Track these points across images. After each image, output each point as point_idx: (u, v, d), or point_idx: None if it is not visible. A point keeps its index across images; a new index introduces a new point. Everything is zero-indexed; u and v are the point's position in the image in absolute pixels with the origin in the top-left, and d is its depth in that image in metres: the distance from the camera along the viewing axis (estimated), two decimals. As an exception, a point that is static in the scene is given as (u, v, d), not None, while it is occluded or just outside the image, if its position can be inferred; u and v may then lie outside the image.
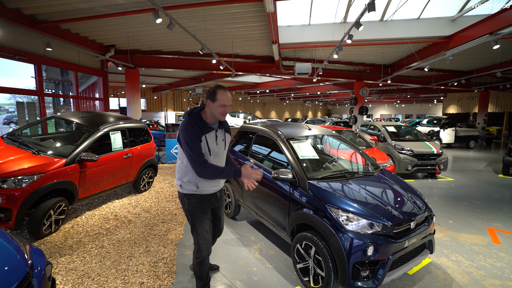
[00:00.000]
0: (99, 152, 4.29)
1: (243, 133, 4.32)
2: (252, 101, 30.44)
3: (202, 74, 14.56)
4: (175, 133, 8.92)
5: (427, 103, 32.43)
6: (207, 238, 2.13)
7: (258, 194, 3.37)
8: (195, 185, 2.06)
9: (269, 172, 3.20)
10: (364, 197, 2.52)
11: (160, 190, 5.64)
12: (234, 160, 2.41)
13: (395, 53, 10.26)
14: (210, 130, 2.03)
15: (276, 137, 3.30)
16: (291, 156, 2.94)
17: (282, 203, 2.89)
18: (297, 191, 2.71)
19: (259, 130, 3.75)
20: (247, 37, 7.67)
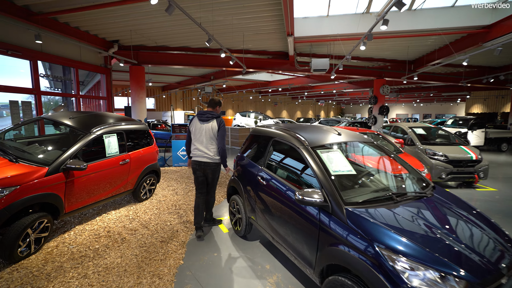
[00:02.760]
0: (91, 158, 3.75)
1: (256, 138, 3.67)
2: (263, 100, 29.76)
3: (211, 72, 14.01)
4: (183, 134, 8.38)
5: (448, 102, 30.76)
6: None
7: (275, 214, 2.70)
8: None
9: (289, 189, 2.53)
10: (426, 232, 1.81)
11: (163, 199, 5.08)
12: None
13: (421, 47, 9.34)
14: None
15: (298, 145, 2.63)
16: (320, 171, 2.26)
17: (308, 232, 2.22)
18: (330, 219, 2.03)
19: (276, 135, 3.08)
20: (259, 29, 7.00)
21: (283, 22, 6.46)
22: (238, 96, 27.42)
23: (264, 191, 2.93)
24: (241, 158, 3.73)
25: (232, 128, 13.40)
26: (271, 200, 2.79)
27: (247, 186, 3.38)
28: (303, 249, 2.29)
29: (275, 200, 2.70)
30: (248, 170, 3.41)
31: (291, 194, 2.47)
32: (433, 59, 9.80)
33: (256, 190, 3.12)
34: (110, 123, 4.11)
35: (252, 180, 3.24)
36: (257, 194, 3.09)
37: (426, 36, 7.60)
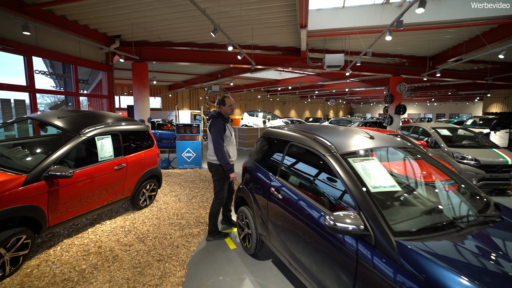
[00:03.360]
0: (82, 164, 3.31)
1: (268, 141, 3.16)
2: (272, 100, 29.22)
3: (218, 70, 13.57)
4: (188, 134, 7.94)
5: (464, 102, 29.54)
6: (224, 192, 3.47)
7: (293, 235, 2.20)
8: (227, 156, 3.35)
9: (312, 207, 2.02)
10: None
11: (164, 207, 4.62)
12: None
13: (444, 41, 8.63)
14: (228, 122, 3.36)
15: (323, 151, 2.11)
16: (356, 186, 1.74)
17: (340, 266, 1.70)
18: (374, 253, 1.51)
19: (294, 139, 2.57)
20: (269, 22, 6.48)
21: (295, 13, 5.93)
22: (246, 95, 26.95)
23: (279, 205, 2.43)
24: (250, 164, 3.24)
25: (239, 128, 12.93)
26: (288, 217, 2.28)
27: (257, 197, 2.88)
28: (332, 286, 1.77)
29: (293, 218, 2.19)
30: (258, 179, 2.92)
31: (315, 214, 1.96)
32: (454, 55, 9.09)
33: (268, 203, 2.62)
34: (104, 123, 3.67)
35: (264, 191, 2.74)
36: (270, 208, 2.59)
37: (452, 28, 6.93)
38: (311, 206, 2.04)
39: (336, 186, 2.01)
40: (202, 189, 5.69)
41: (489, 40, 7.28)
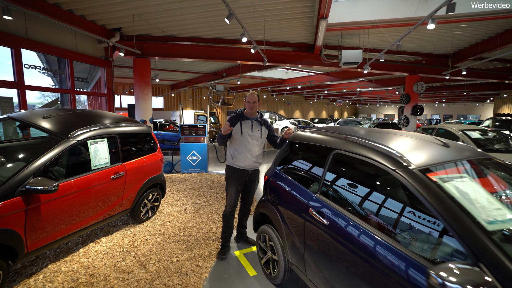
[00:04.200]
0: (71, 173, 2.75)
1: (300, 148, 2.58)
2: (277, 100, 28.66)
3: (224, 68, 13.02)
4: (193, 136, 7.38)
5: (474, 103, 28.82)
6: (231, 200, 2.97)
7: (350, 276, 1.61)
8: (232, 156, 2.97)
9: (384, 246, 1.44)
10: None
11: (169, 219, 4.05)
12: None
13: (468, 37, 8.02)
14: (246, 119, 2.94)
15: (391, 164, 1.54)
16: (463, 224, 1.16)
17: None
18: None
19: (341, 146, 1.99)
20: (284, 14, 5.91)
21: (313, 2, 5.35)
22: (249, 96, 26.36)
23: (324, 232, 1.85)
24: (277, 175, 2.65)
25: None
26: (339, 250, 1.70)
27: (287, 216, 2.31)
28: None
29: (352, 254, 1.61)
30: (289, 194, 2.34)
31: (393, 259, 1.37)
32: (475, 52, 8.48)
33: (305, 227, 2.05)
34: (99, 124, 3.11)
35: (298, 210, 2.16)
36: (308, 234, 2.02)
37: (483, 21, 6.32)
38: (380, 243, 1.46)
39: (417, 216, 1.43)
40: (211, 198, 5.11)
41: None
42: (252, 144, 2.90)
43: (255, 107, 2.91)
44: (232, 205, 2.97)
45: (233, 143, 2.96)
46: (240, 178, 2.96)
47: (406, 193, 1.51)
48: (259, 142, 2.94)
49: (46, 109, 3.23)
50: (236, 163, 2.93)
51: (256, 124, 2.95)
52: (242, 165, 2.92)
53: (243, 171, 2.95)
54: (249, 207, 3.25)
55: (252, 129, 2.90)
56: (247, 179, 3.02)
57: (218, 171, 7.51)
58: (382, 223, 1.57)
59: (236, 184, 2.95)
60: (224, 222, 3.04)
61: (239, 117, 2.92)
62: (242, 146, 2.88)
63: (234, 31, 7.15)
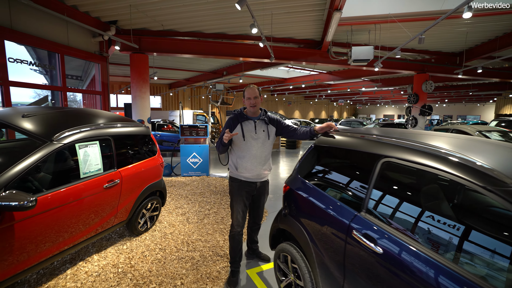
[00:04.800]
0: (56, 183, 2.31)
1: (332, 153, 2.18)
2: (277, 99, 28.30)
3: (224, 66, 12.59)
4: (193, 137, 6.95)
5: (475, 103, 28.68)
6: (238, 218, 2.49)
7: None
8: (235, 167, 2.45)
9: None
10: None
11: (170, 231, 3.63)
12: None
13: (479, 34, 7.67)
14: (247, 120, 2.42)
15: (482, 182, 1.13)
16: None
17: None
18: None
19: (396, 153, 1.58)
20: (292, 5, 5.51)
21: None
22: (249, 95, 25.97)
23: (376, 261, 1.44)
24: (300, 185, 2.24)
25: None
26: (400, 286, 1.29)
27: (320, 237, 1.90)
28: None
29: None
30: (321, 211, 1.93)
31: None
32: (487, 51, 8.15)
33: (345, 252, 1.64)
34: (90, 124, 2.67)
35: (336, 232, 1.75)
36: (350, 260, 1.61)
37: (503, 15, 5.97)
38: (462, 283, 1.05)
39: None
40: (215, 205, 4.69)
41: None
42: (259, 148, 2.40)
43: (257, 103, 2.38)
44: (240, 224, 2.51)
45: (235, 150, 2.46)
46: (247, 193, 2.48)
47: (499, 217, 1.11)
48: (266, 145, 2.44)
49: (28, 107, 2.80)
50: (241, 174, 2.44)
51: (260, 123, 2.44)
52: (249, 176, 2.44)
53: (251, 184, 2.47)
54: (259, 221, 2.81)
55: (256, 130, 2.40)
56: (255, 193, 2.54)
57: (220, 174, 7.10)
58: (463, 256, 1.16)
59: (243, 199, 2.49)
60: (232, 244, 2.58)
61: (239, 118, 2.42)
62: (247, 152, 2.39)
63: (237, 26, 6.73)
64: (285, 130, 2.55)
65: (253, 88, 2.40)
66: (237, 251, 2.58)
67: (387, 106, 36.92)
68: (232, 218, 2.54)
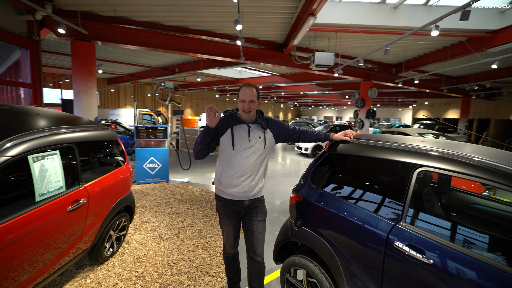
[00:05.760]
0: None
1: (350, 161, 2.10)
2: (228, 100, 27.96)
3: (177, 62, 11.74)
4: (151, 139, 6.22)
5: (397, 108, 33.52)
6: (229, 240, 2.11)
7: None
8: (219, 180, 2.02)
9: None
10: None
11: (143, 252, 3.08)
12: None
13: (415, 50, 8.92)
14: (239, 123, 1.98)
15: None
16: None
17: None
18: None
19: (434, 162, 1.58)
20: (264, 5, 5.38)
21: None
22: (200, 94, 24.99)
23: (427, 272, 1.41)
24: (319, 196, 2.11)
25: (193, 130, 11.38)
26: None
27: (350, 251, 1.79)
28: None
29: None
30: (348, 222, 1.83)
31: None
32: (416, 65, 9.56)
33: (385, 265, 1.58)
34: (44, 129, 2.04)
35: (371, 244, 1.68)
36: (392, 275, 1.55)
37: (440, 37, 6.99)
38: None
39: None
40: (187, 216, 4.24)
41: (454, 53, 7.70)
42: (251, 160, 1.95)
43: (252, 108, 1.93)
44: (232, 245, 2.14)
45: (222, 159, 2.01)
46: (233, 213, 2.05)
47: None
48: (262, 156, 2.00)
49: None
50: (224, 189, 1.99)
51: (256, 128, 2.00)
52: (233, 193, 1.97)
53: (236, 203, 2.02)
54: (259, 259, 2.07)
55: (250, 137, 1.97)
56: (244, 213, 2.08)
57: (181, 180, 6.54)
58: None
59: (232, 221, 2.08)
60: (227, 265, 2.25)
61: (229, 121, 1.98)
62: (235, 164, 1.94)
63: (203, 21, 6.28)
64: (289, 134, 2.15)
65: (250, 88, 1.94)
66: (234, 271, 2.27)
67: (327, 109, 40.31)
68: (223, 238, 2.18)
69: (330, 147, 2.23)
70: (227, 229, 2.10)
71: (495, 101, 18.14)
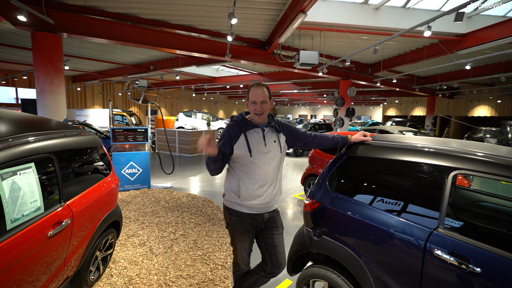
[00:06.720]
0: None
1: (367, 164, 1.98)
2: (204, 99, 27.27)
3: (152, 60, 11.07)
4: (130, 143, 5.72)
5: (369, 106, 35.08)
6: (245, 257, 1.94)
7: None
8: (236, 194, 1.82)
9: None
10: None
11: (135, 272, 2.73)
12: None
13: (390, 50, 9.27)
14: (252, 128, 1.83)
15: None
16: None
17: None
18: None
19: (472, 165, 1.50)
20: (252, 0, 5.15)
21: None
22: (175, 93, 24.02)
23: (473, 281, 1.33)
24: (341, 202, 1.96)
25: (182, 132, 10.90)
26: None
27: (380, 260, 1.67)
28: None
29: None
30: (378, 230, 1.70)
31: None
32: (393, 65, 9.97)
33: (423, 275, 1.49)
34: (9, 137, 1.65)
35: (407, 252, 1.56)
36: (436, 284, 1.45)
37: (415, 38, 7.30)
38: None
39: None
40: (178, 225, 3.90)
41: (428, 54, 8.12)
42: (270, 166, 1.82)
43: (264, 109, 1.78)
44: (247, 262, 1.98)
45: (237, 169, 1.83)
46: (251, 228, 1.89)
47: None
48: (279, 161, 1.88)
49: None
50: (245, 203, 1.81)
51: (270, 132, 1.87)
52: (256, 205, 1.81)
53: (256, 217, 1.86)
54: (278, 270, 1.94)
55: (265, 141, 1.82)
56: (263, 227, 1.92)
57: (164, 185, 6.11)
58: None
59: (249, 236, 1.91)
60: (238, 283, 2.06)
61: (241, 126, 1.81)
62: (255, 173, 1.78)
63: (183, 14, 5.88)
64: (301, 138, 2.00)
65: (262, 88, 1.78)
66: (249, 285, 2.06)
67: (302, 107, 41.07)
68: (235, 255, 1.97)
69: (348, 150, 2.09)
70: (243, 246, 1.91)
71: (455, 100, 19.72)
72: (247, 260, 1.97)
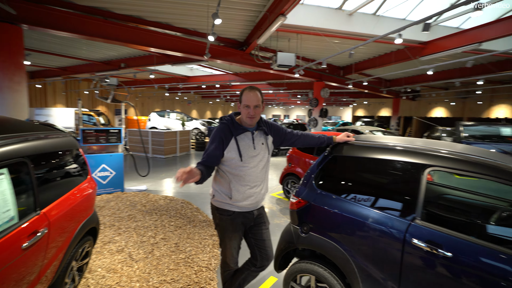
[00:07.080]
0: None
1: (357, 163, 2.10)
2: (178, 98, 26.48)
3: (123, 57, 10.53)
4: (102, 144, 5.41)
5: (339, 106, 36.58)
6: (234, 255, 1.97)
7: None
8: (227, 195, 1.87)
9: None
10: None
11: (114, 280, 2.61)
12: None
13: (361, 54, 9.78)
14: (242, 132, 1.86)
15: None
16: None
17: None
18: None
19: (445, 163, 1.67)
20: (232, 1, 5.14)
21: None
22: (146, 92, 23.02)
23: (444, 266, 1.50)
24: (327, 199, 2.05)
25: (155, 132, 10.53)
26: None
27: (364, 253, 1.80)
28: None
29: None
30: (362, 224, 1.82)
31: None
32: (364, 67, 10.55)
33: (403, 263, 1.64)
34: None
35: (388, 243, 1.70)
36: (411, 272, 1.61)
37: (384, 44, 7.77)
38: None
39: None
40: (157, 229, 3.78)
41: (395, 58, 8.71)
42: (259, 168, 1.89)
43: (257, 113, 1.82)
44: (236, 260, 2.01)
45: (227, 172, 1.86)
46: (242, 226, 1.96)
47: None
48: (267, 163, 1.96)
49: None
50: (236, 203, 1.87)
51: (259, 135, 1.92)
52: (246, 205, 1.89)
53: (247, 215, 1.93)
54: (267, 263, 2.04)
55: (254, 144, 1.88)
56: (252, 224, 2.00)
57: (138, 188, 5.88)
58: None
59: (239, 234, 1.96)
60: (228, 283, 2.07)
61: (232, 130, 1.84)
62: (245, 175, 1.84)
63: (160, 12, 5.68)
64: (288, 137, 2.07)
65: (255, 92, 1.80)
66: (239, 282, 2.09)
67: (276, 107, 41.70)
68: (224, 254, 1.98)
69: (333, 149, 2.19)
70: (233, 244, 1.95)
71: (417, 102, 21.36)
72: (236, 259, 2.00)
